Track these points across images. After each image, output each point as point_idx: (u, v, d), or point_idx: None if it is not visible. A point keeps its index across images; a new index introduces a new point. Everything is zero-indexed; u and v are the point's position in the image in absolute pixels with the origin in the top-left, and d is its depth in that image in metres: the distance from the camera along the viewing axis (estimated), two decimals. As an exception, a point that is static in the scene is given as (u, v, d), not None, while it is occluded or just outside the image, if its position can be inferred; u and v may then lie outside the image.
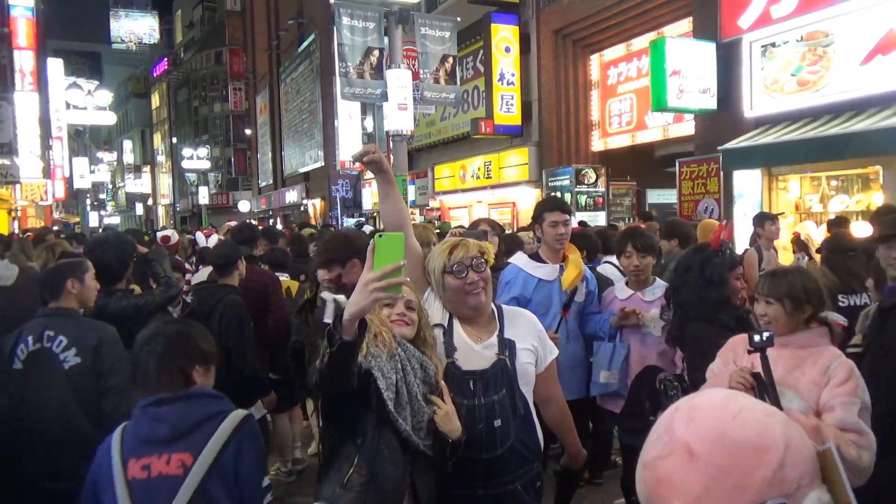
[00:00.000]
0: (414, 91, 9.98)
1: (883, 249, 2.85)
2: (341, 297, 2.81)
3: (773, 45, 7.84)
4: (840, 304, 3.65)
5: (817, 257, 4.94)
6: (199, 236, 9.29)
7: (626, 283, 3.46)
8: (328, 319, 2.76)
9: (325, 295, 2.97)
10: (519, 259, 3.41)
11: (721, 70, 8.41)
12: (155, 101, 57.97)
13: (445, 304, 2.27)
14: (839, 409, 1.87)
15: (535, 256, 3.37)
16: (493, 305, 2.35)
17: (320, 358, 1.78)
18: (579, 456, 2.51)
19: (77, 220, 42.37)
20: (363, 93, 9.21)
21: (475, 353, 2.20)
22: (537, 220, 3.37)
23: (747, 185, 8.25)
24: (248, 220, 16.37)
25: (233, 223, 10.81)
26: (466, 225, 13.83)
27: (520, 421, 2.16)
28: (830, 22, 7.20)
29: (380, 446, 1.88)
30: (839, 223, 5.60)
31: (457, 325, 2.25)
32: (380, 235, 1.60)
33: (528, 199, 13.04)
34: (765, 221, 5.59)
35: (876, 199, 7.38)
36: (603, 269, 4.16)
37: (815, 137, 6.83)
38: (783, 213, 6.99)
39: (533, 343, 2.33)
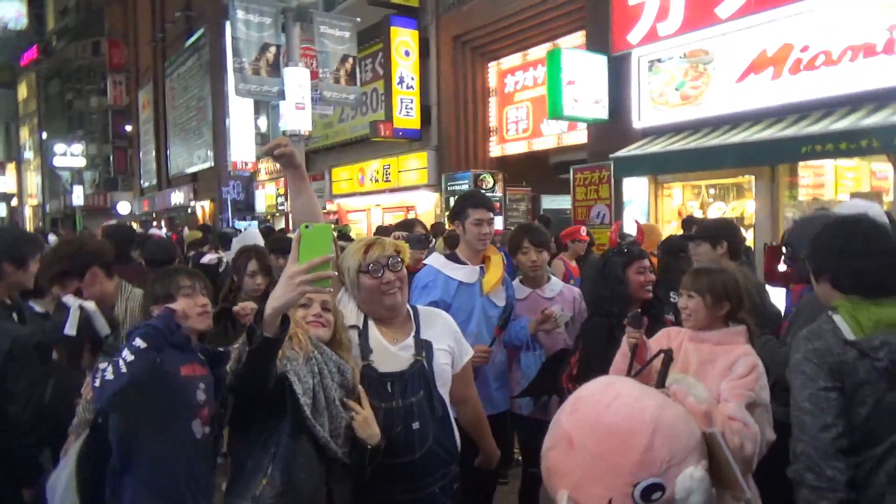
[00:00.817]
0: (312, 91, 9.75)
1: (691, 248, 3.55)
2: (89, 304, 2.50)
3: (659, 60, 8.31)
4: (672, 300, 4.03)
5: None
6: (52, 239, 8.29)
7: (521, 281, 3.40)
8: (70, 331, 2.40)
9: (68, 300, 2.52)
10: (435, 260, 3.19)
11: (612, 82, 8.82)
12: (22, 92, 53.33)
13: (360, 305, 2.21)
14: (731, 399, 1.97)
15: (452, 257, 3.16)
16: (408, 306, 2.31)
17: (236, 358, 1.67)
18: (494, 456, 2.51)
19: (-72, 220, 38.18)
20: (259, 90, 8.88)
21: (391, 354, 2.15)
22: (458, 216, 3.14)
23: (635, 191, 8.69)
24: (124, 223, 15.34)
25: (111, 223, 10.06)
26: (365, 229, 13.75)
27: (438, 423, 2.13)
28: (710, 41, 7.72)
29: (295, 455, 1.78)
30: (690, 223, 5.89)
31: (372, 326, 2.19)
32: (306, 226, 1.51)
33: (426, 203, 13.10)
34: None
35: (749, 206, 8.00)
36: None
37: (696, 148, 7.29)
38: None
39: (449, 343, 2.31)
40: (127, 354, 1.99)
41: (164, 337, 2.10)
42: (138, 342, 2.01)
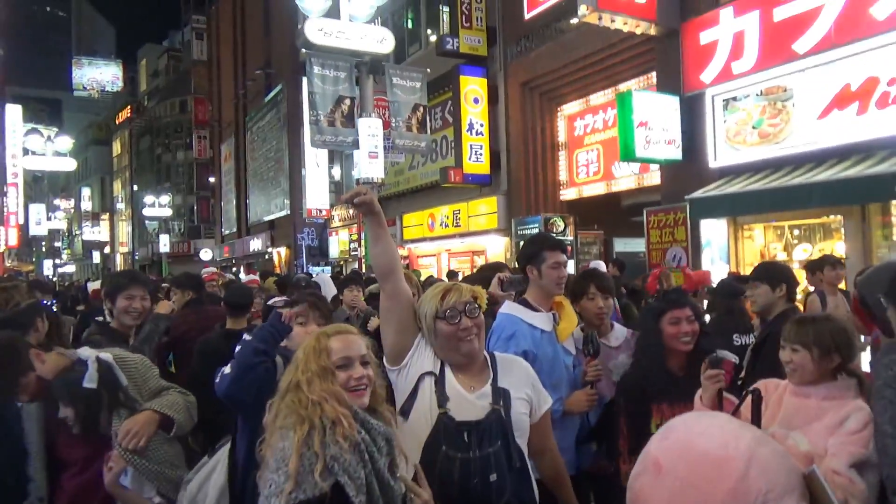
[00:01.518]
0: (384, 139, 10.04)
1: (748, 290, 3.52)
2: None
3: (734, 98, 8.12)
4: (734, 343, 4.02)
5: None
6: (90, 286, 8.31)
7: (583, 330, 3.05)
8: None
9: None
10: (513, 308, 2.95)
11: (685, 122, 8.66)
12: (116, 148, 57.34)
13: (437, 351, 2.18)
14: (839, 454, 1.84)
15: (524, 303, 2.95)
16: (485, 353, 2.27)
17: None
18: None
19: (30, 268, 41.07)
20: (334, 140, 9.21)
21: (468, 402, 2.10)
22: (533, 260, 2.92)
23: (714, 233, 8.41)
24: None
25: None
26: (436, 273, 13.85)
27: (516, 475, 2.06)
28: (788, 78, 7.50)
29: None
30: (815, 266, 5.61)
31: (449, 373, 2.16)
32: None
33: (496, 247, 13.10)
34: (824, 266, 5.37)
35: (838, 247, 7.59)
36: None
37: (780, 188, 7.01)
38: (846, 258, 6.89)
39: (527, 392, 2.24)
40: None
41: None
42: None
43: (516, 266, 3.44)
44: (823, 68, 7.16)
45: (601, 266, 6.61)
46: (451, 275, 8.28)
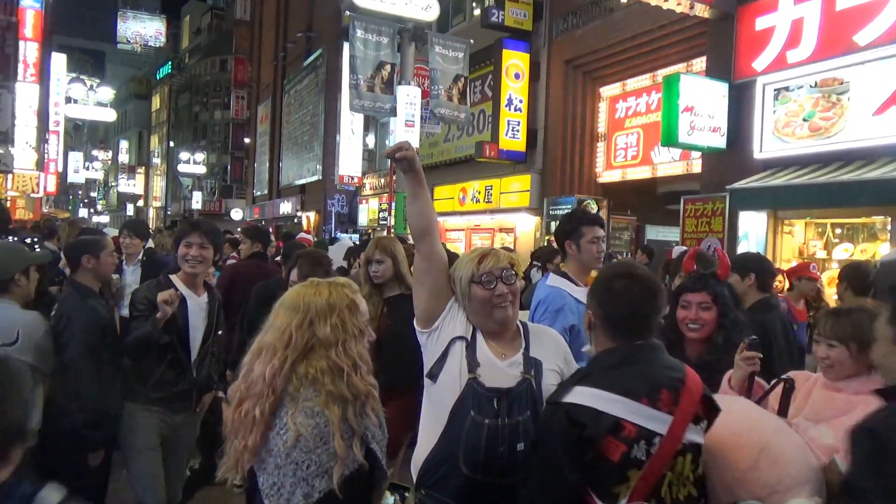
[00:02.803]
0: (422, 109, 9.94)
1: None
2: None
3: (786, 89, 7.85)
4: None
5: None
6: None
7: None
8: None
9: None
10: (558, 281, 2.98)
11: (732, 110, 8.41)
12: (155, 103, 57.94)
13: (469, 316, 2.14)
14: None
15: (566, 276, 2.97)
16: (518, 322, 2.22)
17: None
18: None
19: (66, 215, 41.94)
20: (372, 106, 9.14)
21: (499, 370, 2.06)
22: (571, 235, 2.99)
23: (753, 226, 8.20)
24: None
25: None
26: (464, 248, 13.81)
27: None
28: (846, 70, 7.21)
29: None
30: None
31: (480, 339, 2.12)
32: None
33: (526, 226, 12.98)
34: None
35: (882, 248, 7.34)
36: None
37: (828, 182, 6.79)
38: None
39: (559, 364, 2.20)
40: None
41: None
42: None
43: (547, 244, 3.57)
44: (884, 62, 6.86)
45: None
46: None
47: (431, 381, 2.10)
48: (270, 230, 15.96)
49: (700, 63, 9.50)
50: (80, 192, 56.69)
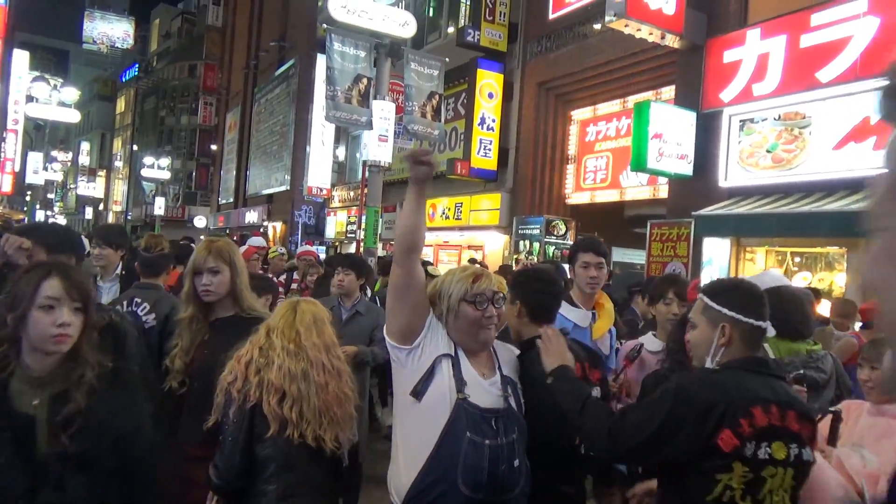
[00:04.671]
0: (396, 124, 9.97)
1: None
2: None
3: (751, 120, 8.11)
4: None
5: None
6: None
7: (656, 335, 3.17)
8: None
9: None
10: None
11: (699, 139, 8.65)
12: (120, 105, 56.88)
13: (451, 333, 2.14)
14: None
15: (567, 298, 3.11)
16: None
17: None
18: None
19: (21, 216, 40.67)
20: (349, 118, 9.13)
21: (484, 389, 2.09)
22: (571, 260, 3.24)
23: (716, 252, 8.42)
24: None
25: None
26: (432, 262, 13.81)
27: (525, 463, 2.08)
28: (808, 105, 7.49)
29: None
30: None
31: (463, 356, 2.13)
32: None
33: (495, 244, 13.07)
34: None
35: (838, 279, 7.61)
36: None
37: (789, 213, 7.01)
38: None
39: (518, 380, 2.26)
40: None
41: None
42: None
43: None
44: (844, 99, 7.15)
45: (682, 270, 6.74)
46: (472, 262, 8.29)
47: (415, 400, 2.06)
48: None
49: (669, 91, 9.76)
50: (39, 192, 55.03)
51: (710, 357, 1.94)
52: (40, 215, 53.16)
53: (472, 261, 10.51)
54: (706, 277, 8.28)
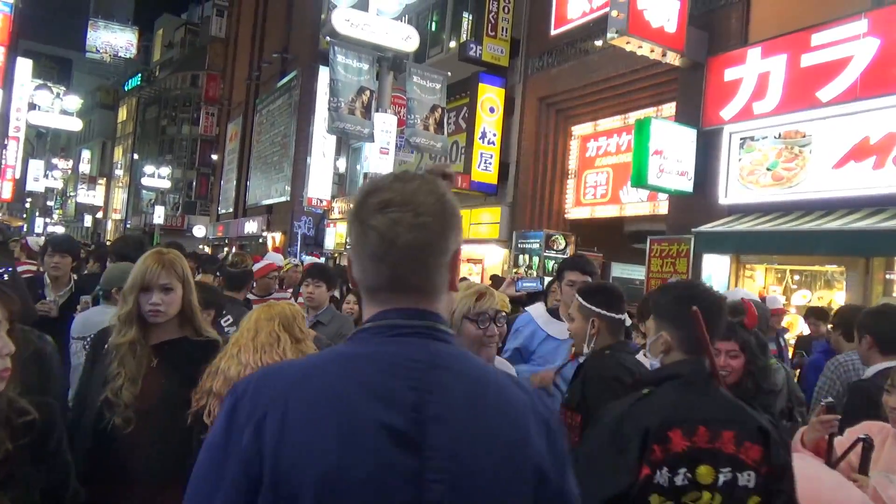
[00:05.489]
0: (397, 138, 10.01)
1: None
2: None
3: (752, 138, 8.15)
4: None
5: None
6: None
7: (646, 355, 3.25)
8: None
9: None
10: (535, 310, 3.33)
11: (700, 156, 8.68)
12: (122, 114, 57.06)
13: None
14: None
15: (552, 312, 3.25)
16: None
17: None
18: None
19: (20, 223, 40.69)
20: (352, 129, 9.17)
21: None
22: (558, 277, 3.34)
23: (716, 269, 8.41)
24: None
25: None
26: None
27: None
28: (809, 124, 7.53)
29: None
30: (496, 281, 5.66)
31: None
32: None
33: (494, 257, 13.08)
34: None
35: (837, 297, 7.61)
36: None
37: (789, 231, 7.03)
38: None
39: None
40: None
41: None
42: None
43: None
44: (844, 119, 7.19)
45: (739, 294, 6.26)
46: (495, 279, 8.21)
47: None
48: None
49: (670, 108, 9.81)
50: (39, 200, 55.09)
51: (587, 344, 2.41)
52: (39, 223, 53.19)
53: (463, 279, 10.46)
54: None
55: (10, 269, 3.99)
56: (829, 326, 4.36)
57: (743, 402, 2.24)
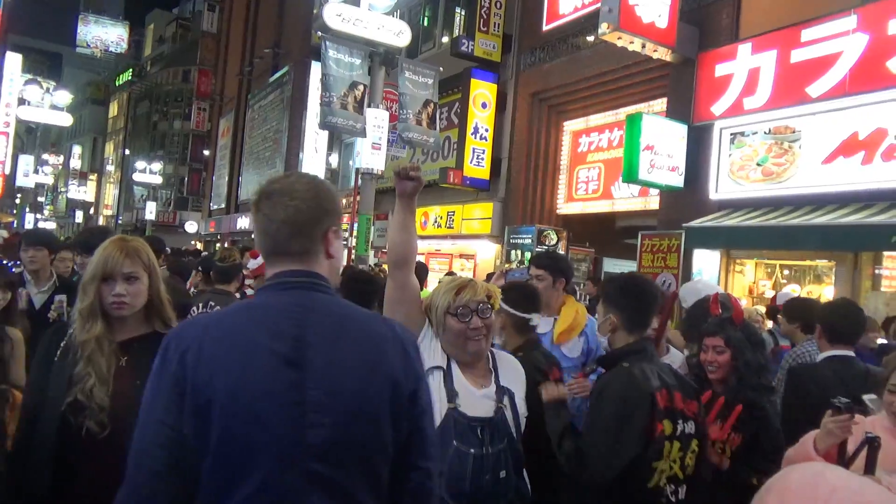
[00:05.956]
0: (389, 133, 9.99)
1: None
2: None
3: (742, 133, 8.18)
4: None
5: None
6: None
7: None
8: None
9: None
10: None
11: (690, 151, 8.71)
12: (113, 109, 56.68)
13: (444, 346, 2.16)
14: None
15: None
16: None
17: None
18: None
19: (10, 219, 40.43)
20: (345, 124, 9.13)
21: (477, 398, 2.09)
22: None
23: (706, 264, 8.46)
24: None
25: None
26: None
27: (519, 473, 2.06)
28: (798, 119, 7.57)
29: None
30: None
31: (455, 368, 2.14)
32: None
33: (487, 253, 13.09)
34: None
35: (826, 292, 7.66)
36: None
37: (778, 226, 7.07)
38: None
39: (524, 393, 2.25)
40: None
41: None
42: None
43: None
44: (834, 114, 7.23)
45: (672, 282, 6.88)
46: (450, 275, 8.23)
47: None
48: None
49: (661, 104, 9.83)
50: (30, 195, 54.69)
51: (498, 336, 2.67)
52: (30, 219, 52.86)
53: (450, 274, 10.47)
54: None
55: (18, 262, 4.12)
56: (783, 319, 4.53)
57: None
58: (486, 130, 12.94)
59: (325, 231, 1.42)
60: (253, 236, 1.46)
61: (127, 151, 48.78)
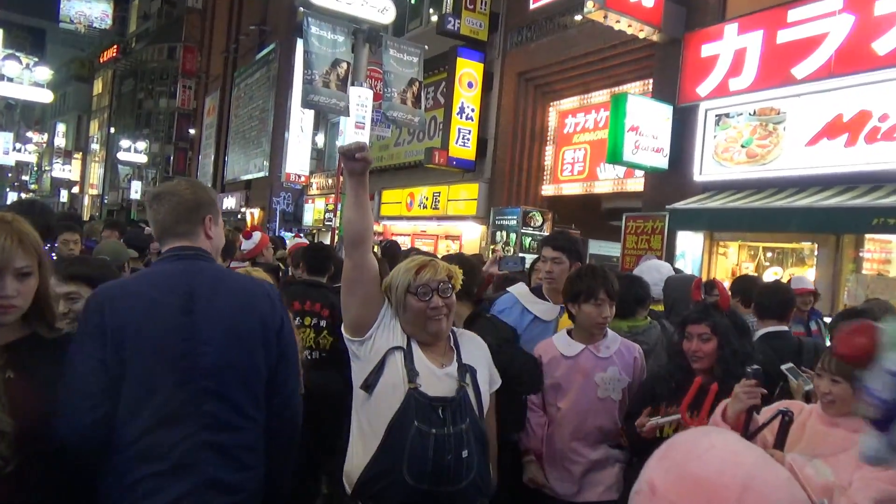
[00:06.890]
0: (374, 112, 9.86)
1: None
2: None
3: (727, 115, 8.13)
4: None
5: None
6: None
7: (571, 334, 2.81)
8: None
9: None
10: (518, 289, 3.11)
11: (675, 132, 8.67)
12: (97, 87, 55.82)
13: (404, 326, 2.12)
14: (863, 489, 1.71)
15: (536, 291, 3.07)
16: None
17: None
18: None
19: (-8, 198, 39.88)
20: (327, 102, 8.99)
21: (437, 378, 2.05)
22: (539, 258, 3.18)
23: (690, 245, 8.45)
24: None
25: None
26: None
27: (482, 452, 2.04)
28: (783, 101, 7.52)
29: None
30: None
31: (416, 348, 2.10)
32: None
33: (472, 234, 13.04)
34: None
35: (808, 273, 7.67)
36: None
37: (761, 208, 7.05)
38: None
39: (488, 371, 2.23)
40: None
41: None
42: None
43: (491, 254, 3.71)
44: (818, 96, 7.20)
45: (652, 261, 5.78)
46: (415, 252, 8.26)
47: (366, 393, 2.06)
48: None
49: (647, 85, 9.76)
50: (9, 175, 53.92)
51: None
52: (12, 197, 52.18)
53: (416, 251, 10.36)
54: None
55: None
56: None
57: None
58: (472, 110, 12.83)
59: (202, 217, 1.89)
60: (150, 227, 1.95)
61: (112, 130, 48.16)
